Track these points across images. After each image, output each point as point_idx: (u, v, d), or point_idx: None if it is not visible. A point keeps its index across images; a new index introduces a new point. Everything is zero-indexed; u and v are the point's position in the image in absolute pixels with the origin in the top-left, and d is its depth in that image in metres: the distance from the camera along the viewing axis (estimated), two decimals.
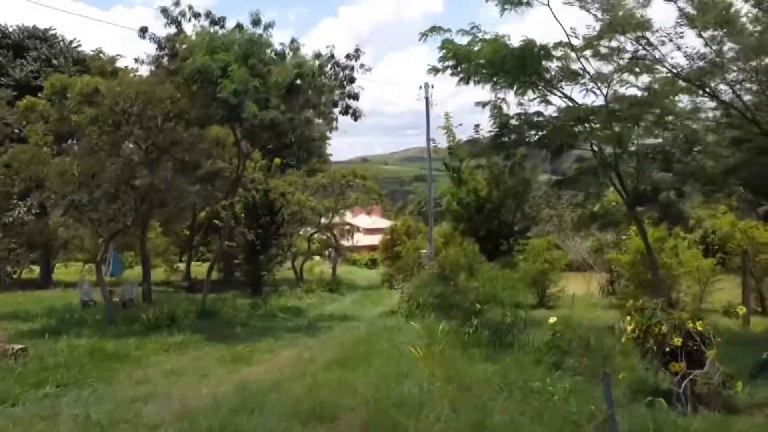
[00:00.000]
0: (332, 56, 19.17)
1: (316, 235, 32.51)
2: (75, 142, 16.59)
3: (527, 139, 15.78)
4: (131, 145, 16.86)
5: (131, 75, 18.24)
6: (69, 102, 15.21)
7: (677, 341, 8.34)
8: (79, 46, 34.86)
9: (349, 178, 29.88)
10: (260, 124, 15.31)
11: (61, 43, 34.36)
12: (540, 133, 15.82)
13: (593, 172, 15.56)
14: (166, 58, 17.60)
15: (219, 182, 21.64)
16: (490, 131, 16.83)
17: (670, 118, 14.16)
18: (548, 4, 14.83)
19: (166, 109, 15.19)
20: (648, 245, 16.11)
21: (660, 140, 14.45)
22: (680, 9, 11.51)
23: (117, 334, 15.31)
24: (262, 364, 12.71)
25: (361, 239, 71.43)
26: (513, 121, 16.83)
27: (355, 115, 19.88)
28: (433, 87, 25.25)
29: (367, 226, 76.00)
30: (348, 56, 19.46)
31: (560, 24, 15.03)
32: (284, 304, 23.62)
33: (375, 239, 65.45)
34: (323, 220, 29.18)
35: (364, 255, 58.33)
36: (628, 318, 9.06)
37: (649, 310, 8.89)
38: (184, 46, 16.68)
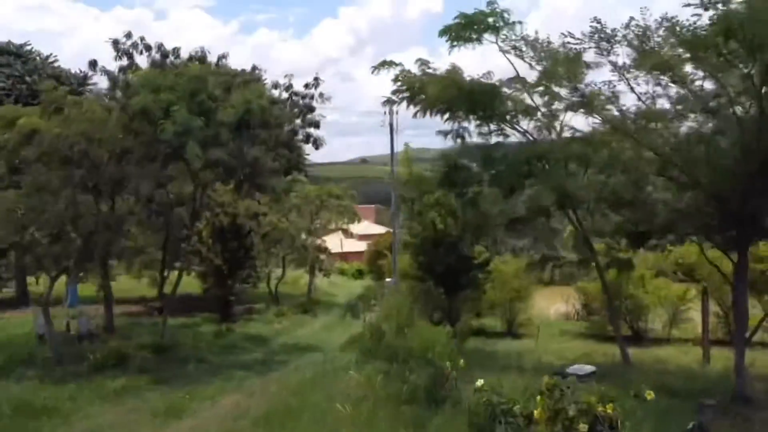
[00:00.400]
0: (290, 86, 18.99)
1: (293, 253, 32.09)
2: (22, 175, 16.21)
3: (479, 178, 15.48)
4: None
5: (86, 107, 17.88)
6: (10, 139, 14.96)
7: (583, 427, 8.08)
8: (55, 61, 34.68)
9: (323, 197, 29.62)
10: (205, 163, 15.06)
11: (37, 58, 34.09)
12: (493, 171, 15.53)
13: (546, 212, 15.28)
14: (119, 92, 17.38)
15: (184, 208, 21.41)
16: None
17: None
18: (497, 42, 14.61)
19: (110, 148, 14.94)
20: (605, 285, 15.85)
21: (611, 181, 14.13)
22: (612, 63, 11.26)
23: (60, 377, 15.07)
24: (195, 416, 12.47)
25: (353, 245, 71.05)
26: (472, 150, 16.61)
27: (317, 144, 19.70)
28: (398, 113, 24.59)
29: (359, 232, 75.33)
30: (307, 85, 19.32)
31: (511, 62, 14.82)
32: (250, 332, 23.36)
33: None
34: (296, 242, 28.87)
35: (352, 264, 58.02)
36: (539, 398, 8.78)
37: (558, 391, 8.60)
38: (133, 80, 16.45)
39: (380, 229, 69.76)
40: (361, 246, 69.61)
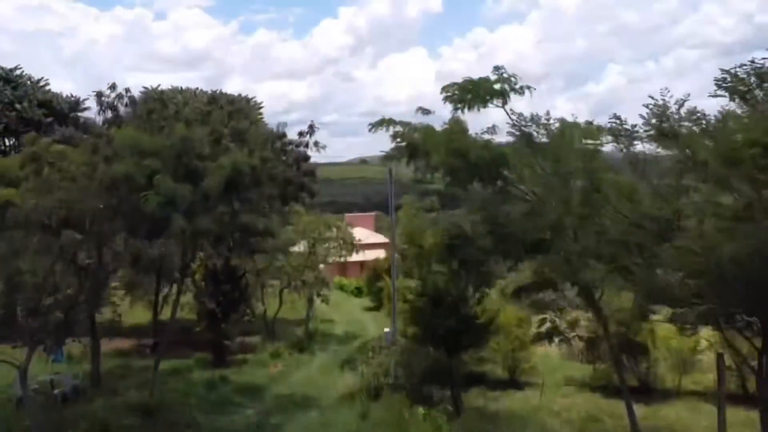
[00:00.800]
0: (284, 134, 18.18)
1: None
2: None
3: (484, 247, 14.63)
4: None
5: (70, 159, 16.98)
6: None
7: None
8: (46, 85, 33.88)
9: (320, 229, 28.75)
10: (192, 232, 14.22)
11: (28, 82, 33.29)
12: (499, 239, 14.68)
13: (553, 284, 14.44)
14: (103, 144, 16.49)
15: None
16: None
17: None
18: (503, 107, 13.77)
19: (92, 216, 14.11)
20: (618, 365, 15.04)
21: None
22: (631, 163, 10.43)
23: None
24: None
25: (353, 255, 69.90)
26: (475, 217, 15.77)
27: (312, 193, 18.93)
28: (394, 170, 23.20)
29: (360, 241, 74.22)
30: (301, 133, 18.54)
31: (517, 125, 13.95)
32: (244, 380, 22.51)
33: (369, 254, 64.06)
34: (293, 280, 28.09)
35: (351, 280, 57.14)
36: None
37: None
38: (117, 138, 15.57)
39: (380, 238, 68.71)
40: (361, 256, 68.50)
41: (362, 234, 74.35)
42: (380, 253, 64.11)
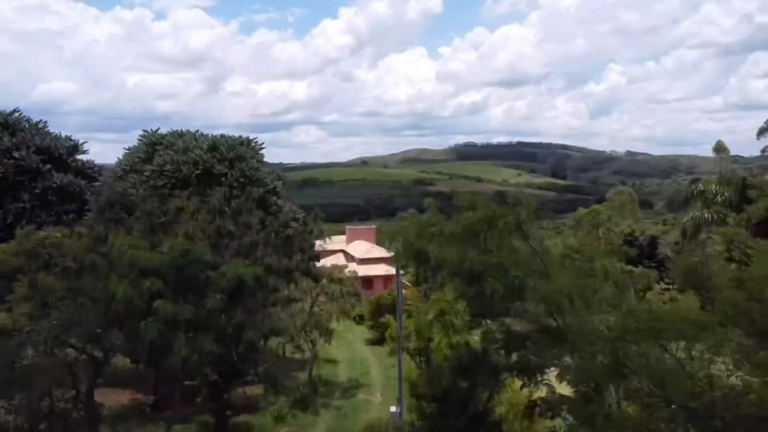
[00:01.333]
0: (287, 225, 17.72)
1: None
2: None
3: (497, 364, 14.11)
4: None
5: (66, 250, 16.43)
6: None
7: None
8: (45, 127, 33.27)
9: (323, 284, 28.10)
10: (194, 352, 13.69)
11: (26, 123, 32.67)
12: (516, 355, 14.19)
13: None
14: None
15: None
16: None
17: None
18: (524, 239, 13.21)
19: (87, 338, 13.57)
20: None
21: None
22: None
23: None
24: None
25: (355, 270, 68.86)
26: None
27: (316, 278, 18.47)
28: (404, 274, 22.73)
29: (361, 256, 73.43)
30: (305, 222, 18.11)
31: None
32: None
33: (370, 269, 63.22)
34: (296, 339, 27.55)
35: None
36: None
37: None
38: (116, 247, 15.00)
39: (381, 252, 67.72)
40: (364, 270, 67.71)
41: (363, 248, 73.63)
42: (381, 269, 63.33)
